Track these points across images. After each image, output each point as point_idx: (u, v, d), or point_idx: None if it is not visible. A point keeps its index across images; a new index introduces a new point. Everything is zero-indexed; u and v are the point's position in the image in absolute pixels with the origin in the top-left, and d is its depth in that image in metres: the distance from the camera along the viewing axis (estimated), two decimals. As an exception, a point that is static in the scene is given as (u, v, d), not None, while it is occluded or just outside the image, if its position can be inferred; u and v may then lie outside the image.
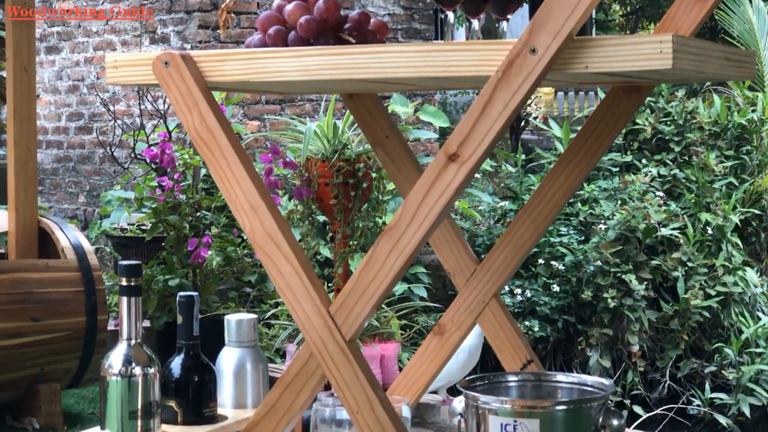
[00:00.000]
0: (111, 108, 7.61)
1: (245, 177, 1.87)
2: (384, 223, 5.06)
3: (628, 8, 20.56)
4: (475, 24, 2.00)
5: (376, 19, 1.97)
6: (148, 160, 4.61)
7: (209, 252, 4.37)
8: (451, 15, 1.93)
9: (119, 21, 7.98)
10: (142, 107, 7.15)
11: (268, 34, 1.93)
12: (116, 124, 7.62)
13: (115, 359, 2.11)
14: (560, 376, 2.16)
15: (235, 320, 2.39)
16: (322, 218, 4.81)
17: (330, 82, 1.91)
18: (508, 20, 2.09)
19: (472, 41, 1.76)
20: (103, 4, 8.12)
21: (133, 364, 2.10)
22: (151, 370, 2.11)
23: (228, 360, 2.40)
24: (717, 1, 2.06)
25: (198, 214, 4.48)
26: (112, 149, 7.24)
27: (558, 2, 1.65)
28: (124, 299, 2.10)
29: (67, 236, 4.21)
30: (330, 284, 5.12)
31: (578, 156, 2.20)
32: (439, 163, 1.72)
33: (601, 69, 1.65)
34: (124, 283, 2.09)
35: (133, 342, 2.12)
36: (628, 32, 20.96)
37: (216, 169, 1.90)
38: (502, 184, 8.04)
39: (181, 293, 2.25)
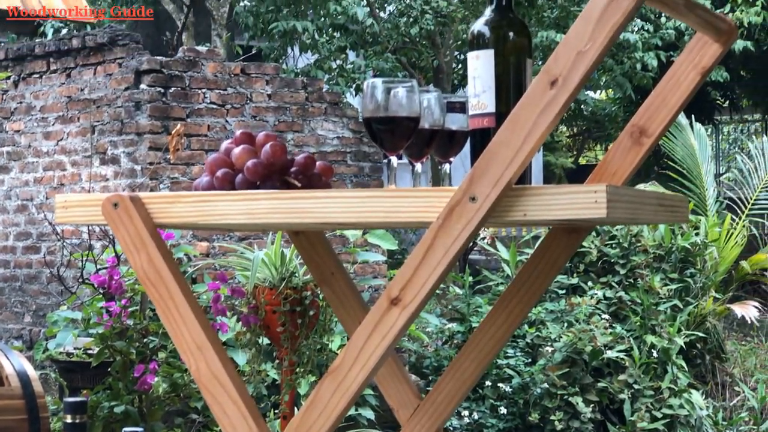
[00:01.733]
0: (59, 229, 7.61)
1: (192, 318, 1.90)
2: (331, 350, 5.07)
3: (575, 130, 20.93)
4: (418, 167, 2.06)
5: (321, 162, 2.03)
6: (96, 285, 4.61)
7: (156, 378, 4.36)
8: (394, 160, 1.98)
9: (70, 141, 8.03)
10: (91, 228, 7.16)
11: (216, 177, 1.98)
12: (64, 244, 7.61)
13: (58, 497, 2.11)
14: None
15: (180, 455, 2.40)
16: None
17: (277, 224, 1.95)
18: (450, 163, 2.15)
19: (415, 188, 1.81)
20: (54, 125, 8.17)
21: (76, 502, 2.10)
22: None
23: (172, 495, 2.40)
24: (653, 145, 2.14)
25: (145, 340, 4.48)
26: (60, 270, 7.22)
27: (497, 152, 1.71)
28: (69, 436, 2.11)
29: (12, 363, 4.18)
30: (277, 411, 5.10)
31: (519, 294, 2.25)
32: (381, 306, 1.77)
33: (539, 217, 1.71)
34: (69, 420, 2.10)
35: (76, 479, 2.12)
36: (575, 152, 21.29)
37: (163, 309, 1.92)
38: (450, 306, 8.08)
39: (126, 429, 2.26)
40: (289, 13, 12.73)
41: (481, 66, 1.96)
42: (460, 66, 14.24)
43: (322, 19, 12.81)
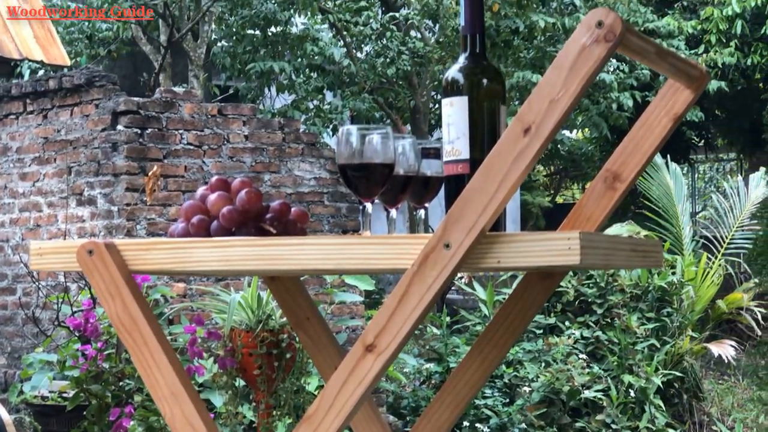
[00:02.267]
0: (34, 271, 7.58)
1: (166, 364, 1.90)
2: (309, 392, 5.06)
3: (552, 169, 21.02)
4: (393, 213, 2.07)
5: (297, 208, 2.03)
6: (71, 328, 4.59)
7: (132, 422, 4.33)
8: (369, 206, 1.99)
9: (46, 182, 8.01)
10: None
11: (192, 223, 1.98)
12: (39, 286, 7.58)
13: None
14: None
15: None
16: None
17: (252, 271, 1.95)
18: (425, 208, 2.16)
19: (389, 235, 1.82)
20: (30, 165, 8.15)
21: None
22: None
23: None
24: (627, 190, 2.15)
25: (121, 383, 4.45)
26: (35, 312, 7.18)
27: (471, 199, 1.72)
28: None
29: (-13, 407, 4.15)
30: (253, 453, 5.08)
31: (495, 338, 2.25)
32: (356, 353, 1.77)
33: (513, 264, 1.71)
34: (42, 467, 2.09)
35: None
36: (552, 191, 21.37)
37: (137, 356, 1.92)
38: (428, 346, 8.08)
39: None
40: (266, 53, 12.77)
41: (455, 113, 1.98)
42: (437, 106, 14.31)
43: (299, 59, 12.86)
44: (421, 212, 2.15)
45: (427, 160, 2.11)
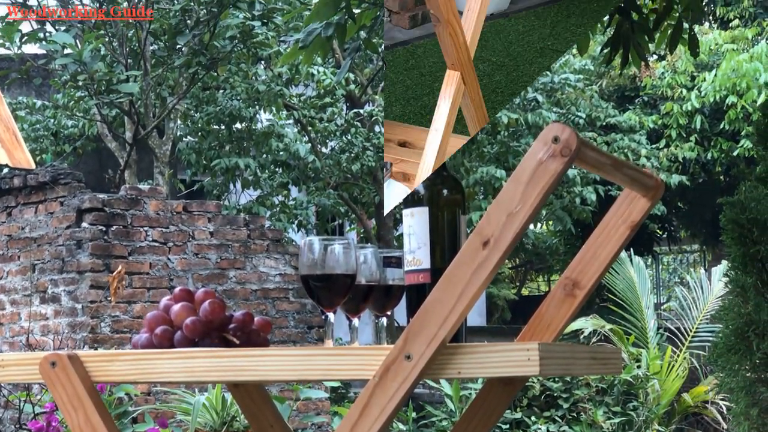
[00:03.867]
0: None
1: (129, 477, 1.90)
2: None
3: (517, 261, 21.10)
4: (355, 322, 2.09)
5: (260, 318, 2.05)
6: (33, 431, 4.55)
7: None
8: (331, 315, 2.01)
9: (9, 280, 7.98)
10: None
11: (155, 334, 1.99)
12: (1, 385, 7.51)
13: None
14: None
15: None
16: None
17: (216, 381, 1.96)
18: (387, 316, 2.18)
19: (351, 346, 1.83)
20: (-6, 264, 8.12)
21: None
22: None
23: None
24: (586, 296, 2.18)
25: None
26: (-3, 412, 7.10)
27: (432, 311, 1.74)
28: None
29: None
30: None
31: (458, 445, 2.26)
32: (319, 465, 1.77)
33: (473, 374, 1.73)
34: None
35: None
36: (517, 284, 21.44)
37: (99, 468, 1.91)
38: (394, 443, 8.03)
39: None
40: (231, 149, 12.83)
41: (416, 223, 2.01)
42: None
43: (264, 155, 12.93)
44: (383, 320, 2.17)
45: (389, 269, 2.13)
